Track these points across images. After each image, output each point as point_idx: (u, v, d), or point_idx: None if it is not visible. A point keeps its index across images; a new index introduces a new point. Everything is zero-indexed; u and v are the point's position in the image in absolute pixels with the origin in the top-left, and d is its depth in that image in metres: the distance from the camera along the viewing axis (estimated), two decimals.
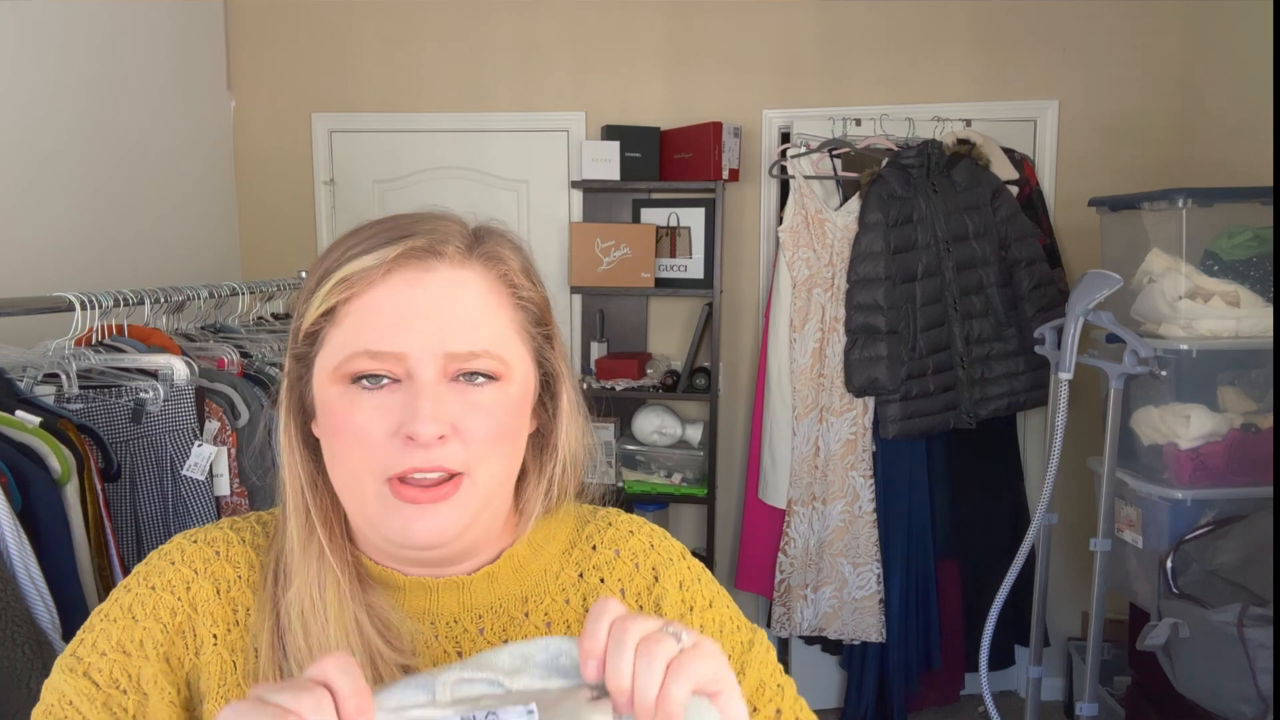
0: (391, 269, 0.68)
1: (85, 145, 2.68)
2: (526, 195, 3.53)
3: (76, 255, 2.62)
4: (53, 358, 1.65)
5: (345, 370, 0.68)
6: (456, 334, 0.68)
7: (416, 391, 0.66)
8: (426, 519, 0.67)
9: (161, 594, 0.72)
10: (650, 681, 0.50)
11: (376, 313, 0.68)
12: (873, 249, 2.92)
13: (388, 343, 0.67)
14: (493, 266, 0.72)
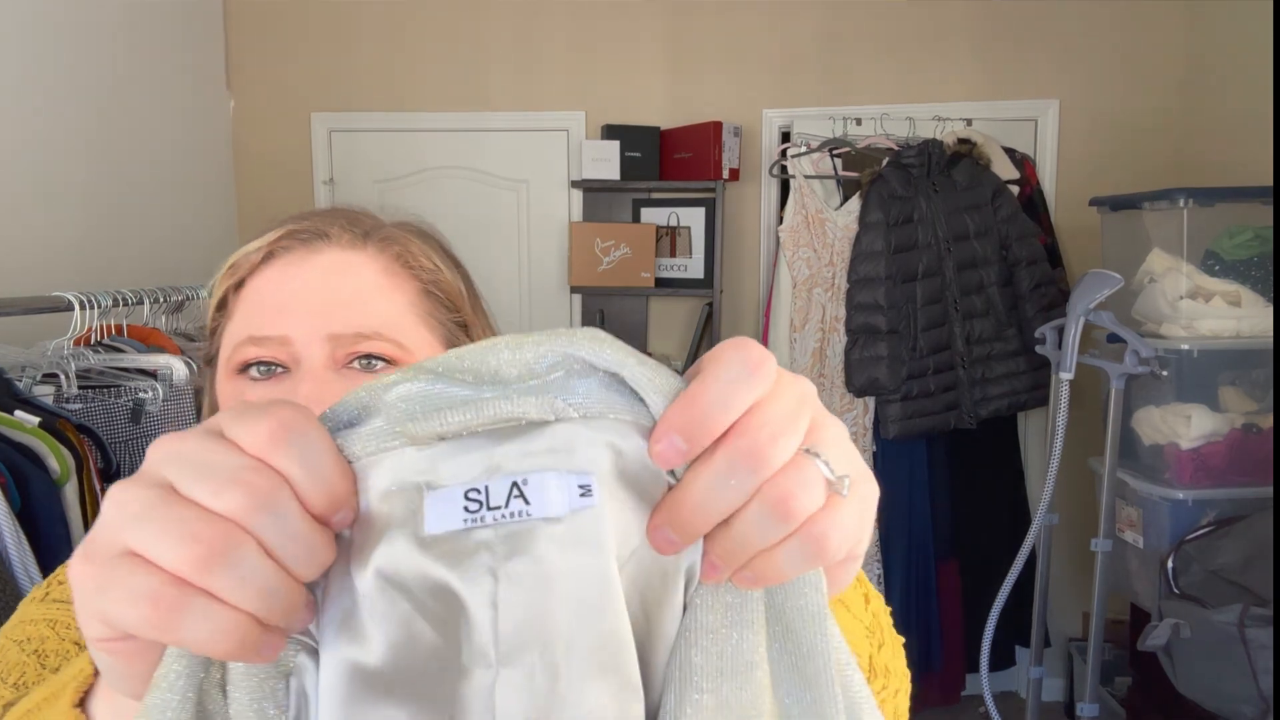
0: (274, 251, 0.66)
1: (84, 144, 2.67)
2: (526, 195, 3.52)
3: (76, 255, 2.61)
4: (52, 358, 1.64)
5: (234, 361, 0.64)
6: (342, 315, 0.63)
7: (299, 378, 0.62)
8: None
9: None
10: (760, 536, 0.32)
11: (260, 297, 0.65)
12: (873, 249, 2.91)
13: (269, 326, 0.63)
14: (387, 248, 0.67)
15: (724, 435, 0.32)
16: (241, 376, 0.64)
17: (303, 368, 0.63)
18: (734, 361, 0.32)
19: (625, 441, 0.33)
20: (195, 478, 0.31)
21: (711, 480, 0.32)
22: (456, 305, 0.70)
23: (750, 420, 0.32)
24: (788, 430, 0.32)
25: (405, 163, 3.54)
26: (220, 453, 0.31)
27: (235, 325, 0.66)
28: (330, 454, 0.32)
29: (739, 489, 0.32)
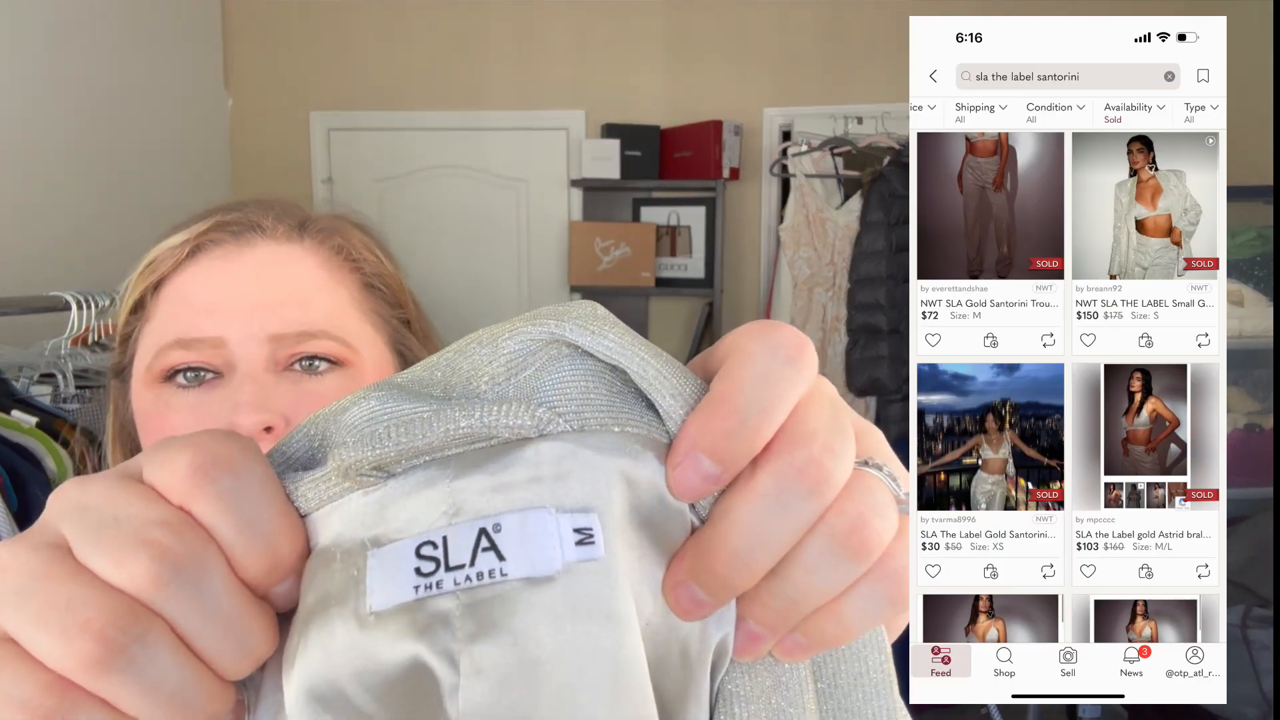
0: (200, 245, 0.59)
1: (82, 144, 2.67)
2: (526, 194, 3.52)
3: (73, 254, 2.61)
4: (49, 357, 1.64)
5: (157, 368, 0.57)
6: (282, 314, 0.57)
7: (237, 383, 0.56)
8: None
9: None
10: (824, 583, 0.25)
11: (186, 297, 0.58)
12: (874, 248, 2.91)
13: (201, 328, 0.56)
14: (327, 239, 0.62)
15: (765, 450, 0.24)
16: (166, 384, 0.57)
17: (239, 371, 0.56)
18: (765, 351, 0.24)
19: (637, 465, 0.24)
20: (96, 539, 0.23)
21: (756, 513, 0.23)
22: (400, 301, 0.65)
23: (797, 428, 0.24)
24: (842, 437, 0.24)
25: (404, 162, 3.54)
26: (132, 503, 0.23)
27: (156, 328, 0.59)
28: (273, 501, 0.24)
29: (794, 521, 0.23)
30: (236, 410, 0.54)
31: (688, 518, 0.24)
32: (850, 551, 0.24)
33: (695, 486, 0.24)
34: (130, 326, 0.60)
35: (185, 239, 0.58)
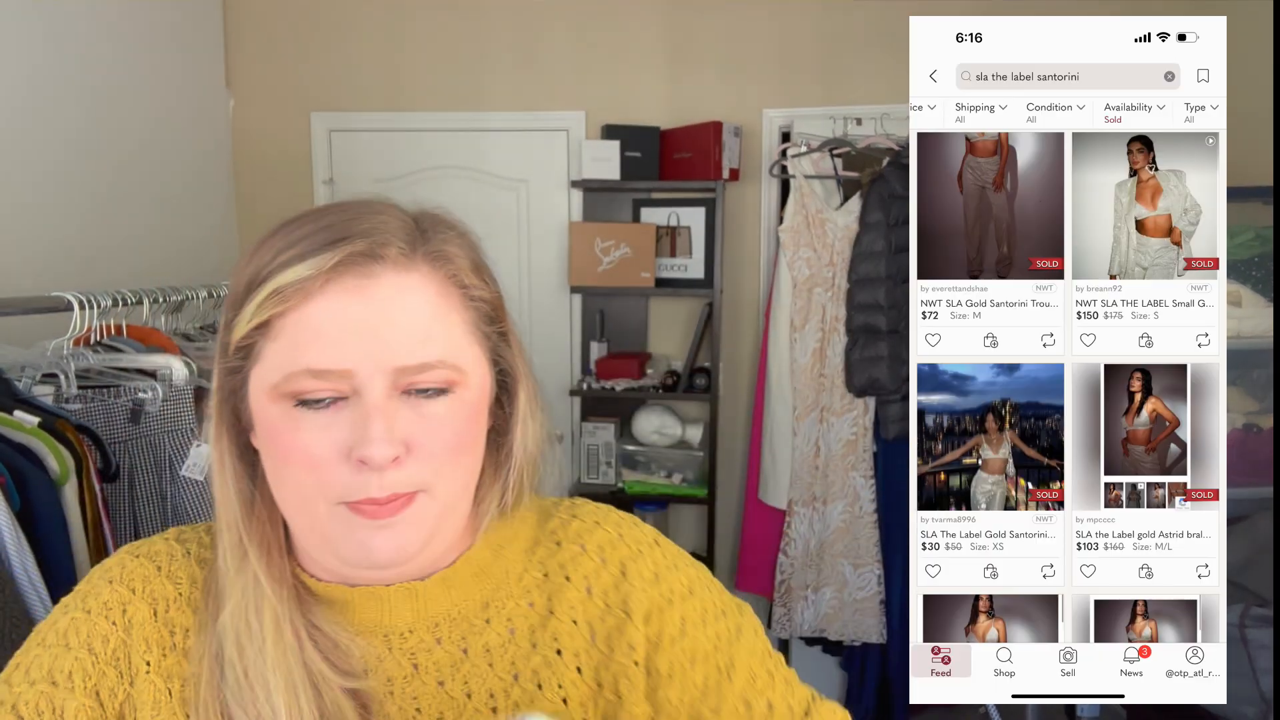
0: (330, 279, 0.62)
1: (83, 144, 2.67)
2: (526, 195, 3.52)
3: (75, 255, 2.61)
4: (51, 358, 1.64)
5: (286, 390, 0.62)
6: (406, 347, 0.62)
7: (366, 412, 0.61)
8: (383, 537, 0.62)
9: (96, 619, 0.68)
10: None
11: (316, 328, 0.62)
12: (874, 249, 2.91)
13: (331, 360, 0.61)
14: (440, 267, 0.66)
15: None
16: (297, 406, 0.62)
17: (366, 400, 0.62)
18: None
19: None
20: None
21: None
22: (498, 317, 0.70)
23: None
24: None
25: (405, 162, 3.54)
26: None
27: (284, 352, 0.63)
28: None
29: None
30: (368, 443, 0.60)
31: None
32: None
33: None
34: (250, 340, 0.64)
35: (314, 274, 0.62)
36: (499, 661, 0.69)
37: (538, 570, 0.73)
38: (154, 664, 0.67)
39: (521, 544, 0.74)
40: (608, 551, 0.74)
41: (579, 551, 0.74)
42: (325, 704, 0.64)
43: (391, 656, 0.68)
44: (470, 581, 0.71)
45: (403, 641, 0.69)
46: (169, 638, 0.68)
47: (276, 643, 0.64)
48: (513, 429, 0.72)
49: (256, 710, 0.63)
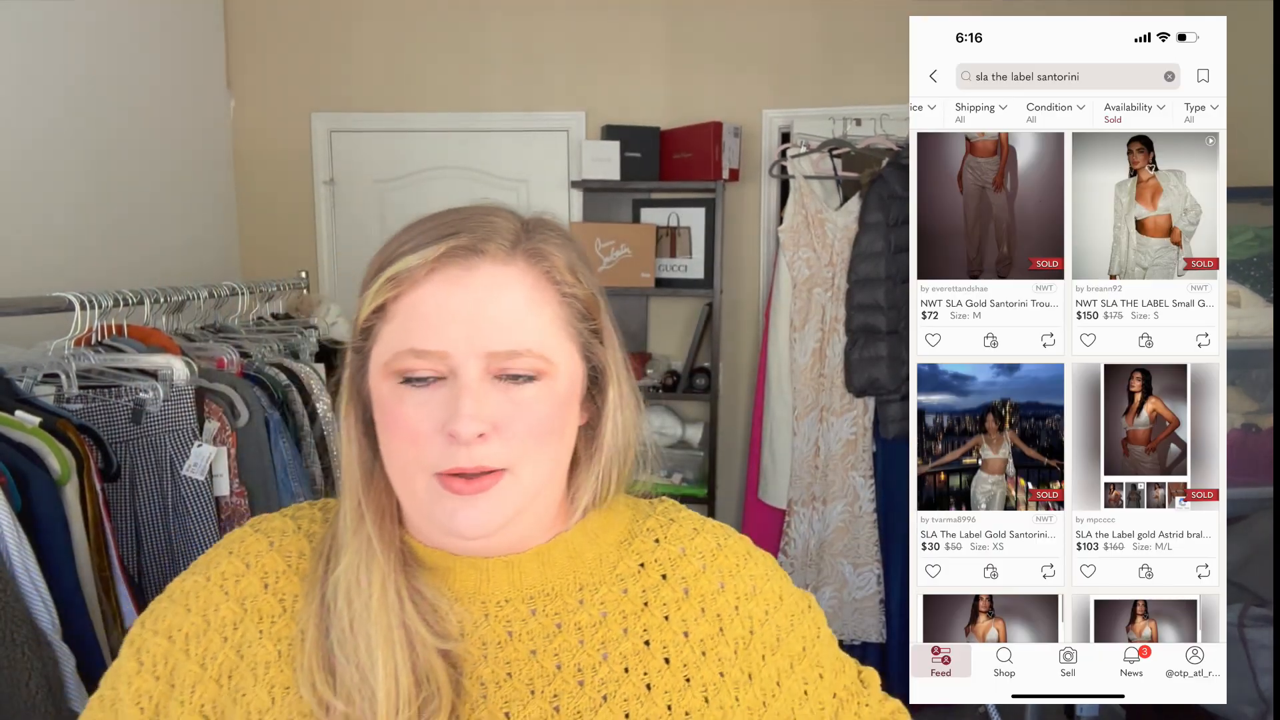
0: (435, 268, 0.69)
1: (85, 145, 2.67)
2: (526, 195, 3.53)
3: (76, 255, 2.61)
4: (52, 358, 1.64)
5: (394, 367, 0.70)
6: (498, 334, 0.69)
7: (459, 390, 0.68)
8: (469, 511, 0.68)
9: (212, 588, 0.75)
10: None
11: (421, 312, 0.69)
12: (873, 249, 2.92)
13: (431, 342, 0.68)
14: (536, 264, 0.72)
15: None
16: (402, 383, 0.70)
17: (460, 380, 0.68)
18: None
19: None
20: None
21: None
22: (592, 315, 0.75)
23: None
24: None
25: (405, 163, 3.54)
26: None
27: (394, 333, 0.70)
28: None
29: None
30: (457, 419, 0.67)
31: None
32: None
33: None
34: (371, 321, 0.72)
35: (423, 263, 0.69)
36: (590, 640, 0.74)
37: (633, 560, 0.78)
38: (265, 630, 0.73)
39: (616, 535, 0.80)
40: (708, 560, 0.80)
41: (679, 554, 0.79)
42: (419, 661, 0.69)
43: (488, 623, 0.73)
44: (565, 562, 0.76)
45: (499, 610, 0.74)
46: (278, 605, 0.74)
47: (381, 601, 0.70)
48: (603, 423, 0.77)
49: (357, 659, 0.68)
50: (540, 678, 0.72)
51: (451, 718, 0.69)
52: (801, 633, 0.81)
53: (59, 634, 1.32)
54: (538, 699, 0.71)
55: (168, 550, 1.65)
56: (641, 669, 0.73)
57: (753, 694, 0.76)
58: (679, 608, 0.76)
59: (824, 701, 0.82)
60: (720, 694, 0.74)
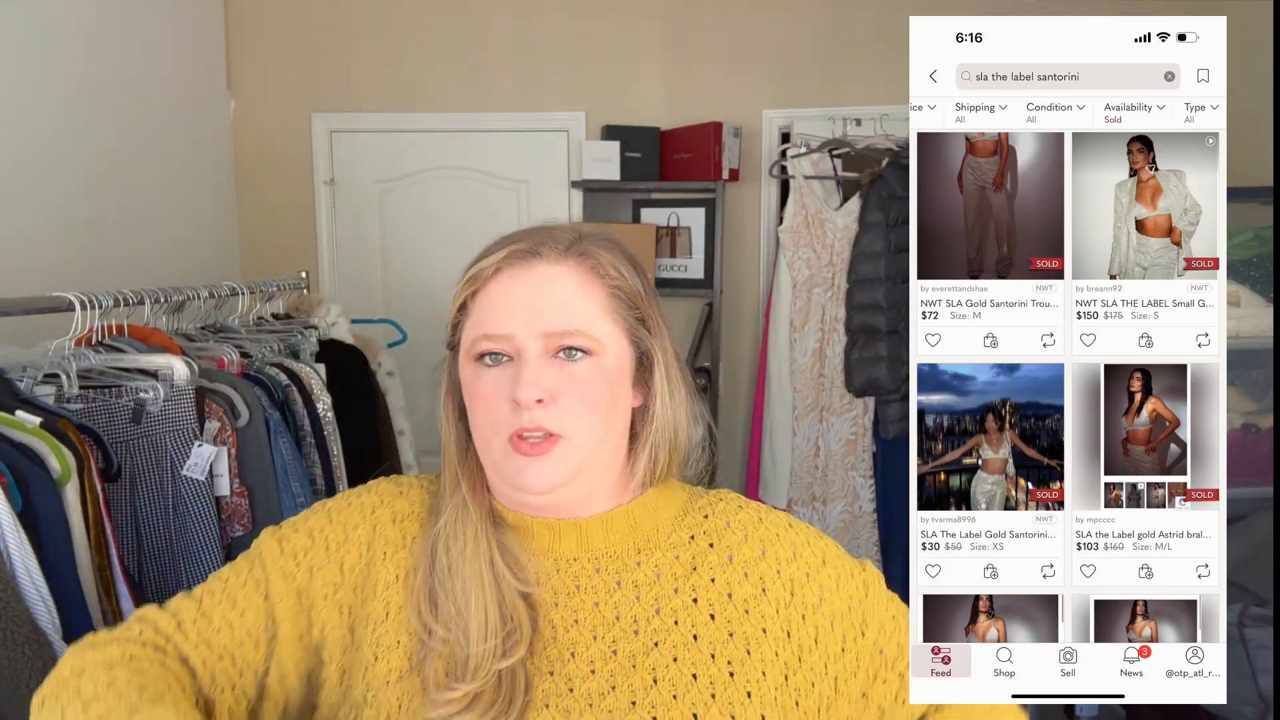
0: (500, 267, 0.86)
1: (85, 145, 2.67)
2: (526, 195, 3.52)
3: (76, 255, 2.61)
4: (53, 358, 1.64)
5: (473, 352, 0.86)
6: (552, 317, 0.83)
7: (521, 365, 0.83)
8: (534, 469, 0.83)
9: (353, 511, 0.91)
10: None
11: (490, 303, 0.86)
12: (873, 249, 2.92)
13: (499, 326, 0.84)
14: (584, 261, 0.86)
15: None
16: (479, 363, 0.86)
17: (522, 357, 0.84)
18: None
19: None
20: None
21: None
22: (636, 304, 0.88)
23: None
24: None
25: (405, 163, 3.54)
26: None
27: (474, 321, 0.87)
28: None
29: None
30: (519, 386, 0.82)
31: None
32: None
33: None
34: (457, 319, 0.89)
35: (493, 263, 0.86)
36: (644, 596, 0.86)
37: (685, 533, 0.90)
38: (389, 555, 0.88)
39: (673, 510, 0.92)
40: (750, 530, 0.91)
41: (724, 526, 0.91)
42: (504, 599, 0.83)
43: (559, 576, 0.87)
44: (625, 529, 0.89)
45: (569, 566, 0.87)
46: (401, 539, 0.89)
47: (474, 549, 0.85)
48: (651, 403, 0.89)
49: (454, 595, 0.83)
50: (601, 625, 0.84)
51: (529, 650, 0.82)
52: (848, 593, 0.90)
53: (59, 634, 1.32)
54: (599, 643, 0.84)
55: (168, 550, 1.65)
56: (690, 622, 0.85)
57: (790, 649, 0.85)
58: (724, 572, 0.88)
59: (862, 658, 0.89)
60: (761, 648, 0.84)
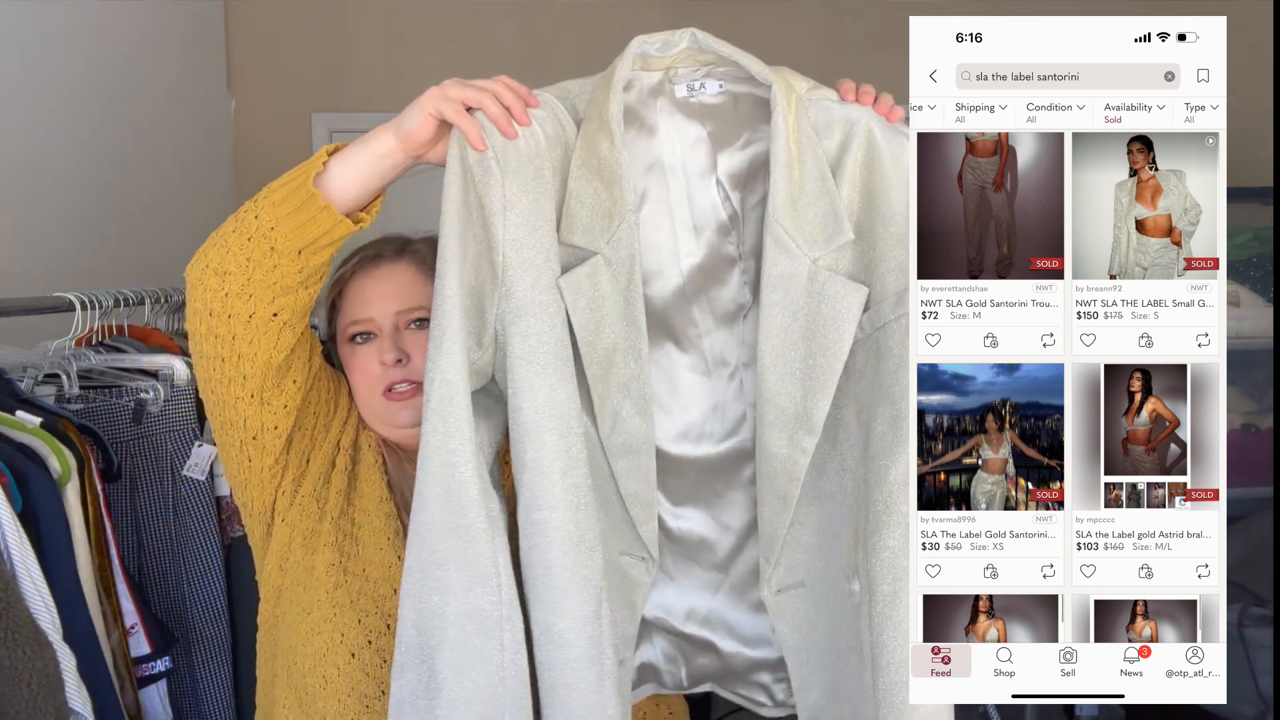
0: (355, 271, 1.25)
1: (85, 145, 2.67)
2: None
3: (76, 255, 2.61)
4: (53, 358, 1.64)
5: (346, 335, 1.23)
6: (400, 299, 1.21)
7: (383, 338, 1.20)
8: (405, 411, 1.18)
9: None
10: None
11: (353, 298, 1.24)
12: None
13: (363, 313, 1.22)
14: (415, 258, 1.24)
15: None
16: (351, 343, 1.22)
17: (384, 332, 1.20)
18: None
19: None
20: (477, 91, 1.00)
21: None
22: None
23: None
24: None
25: None
26: (481, 87, 1.00)
27: (343, 315, 1.24)
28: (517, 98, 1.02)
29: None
30: (382, 353, 1.19)
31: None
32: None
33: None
34: (330, 314, 1.27)
35: (349, 269, 1.25)
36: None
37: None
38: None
39: None
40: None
41: None
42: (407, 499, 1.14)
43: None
44: None
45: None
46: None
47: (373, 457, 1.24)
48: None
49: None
50: None
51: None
52: None
53: (59, 634, 1.32)
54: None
55: (168, 550, 1.65)
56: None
57: None
58: None
59: None
60: None
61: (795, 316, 0.96)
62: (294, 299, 1.04)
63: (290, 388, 1.11)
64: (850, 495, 0.99)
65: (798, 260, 0.96)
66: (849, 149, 1.00)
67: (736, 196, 1.05)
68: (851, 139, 1.00)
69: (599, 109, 1.05)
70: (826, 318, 0.95)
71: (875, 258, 0.96)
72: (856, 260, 0.98)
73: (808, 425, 0.97)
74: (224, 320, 1.02)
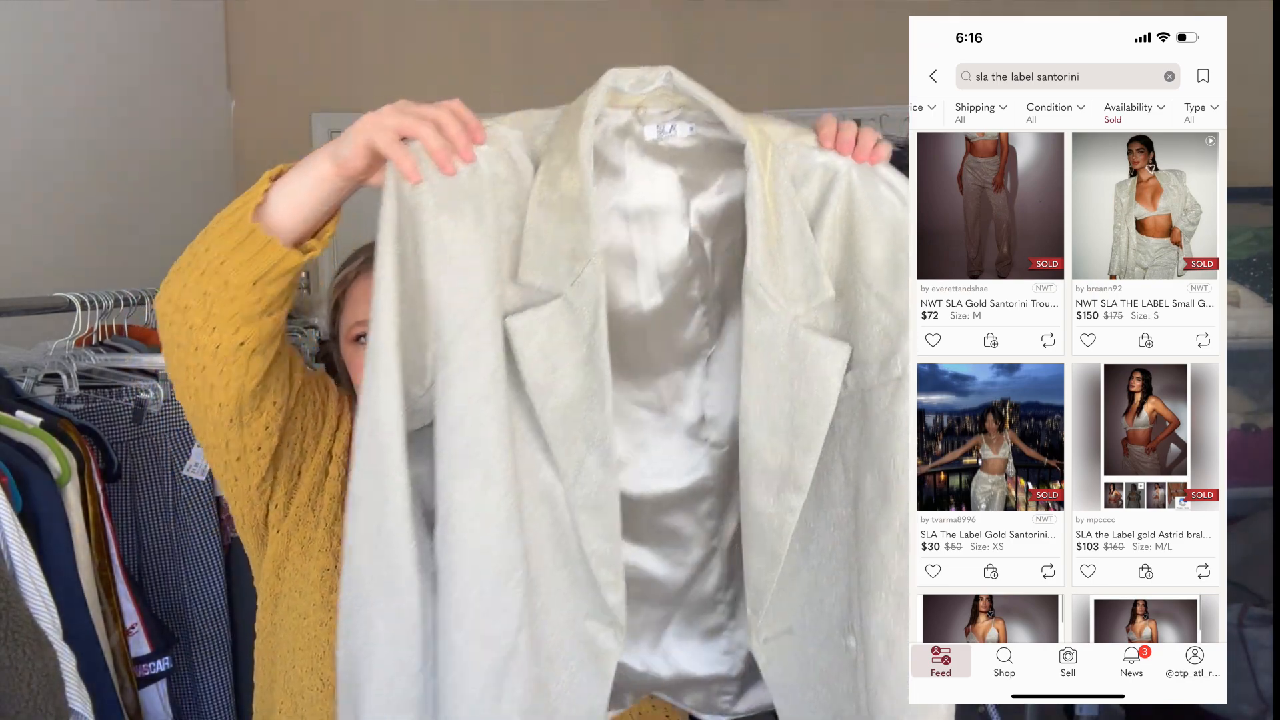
0: (360, 271, 1.25)
1: (85, 145, 2.67)
2: None
3: (76, 255, 2.61)
4: (53, 358, 1.64)
5: (350, 335, 1.25)
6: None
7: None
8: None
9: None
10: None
11: (358, 298, 1.22)
12: None
13: (365, 314, 1.02)
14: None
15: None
16: (356, 343, 1.21)
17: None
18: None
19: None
20: (417, 118, 0.99)
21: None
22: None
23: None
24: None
25: None
26: (423, 113, 0.98)
27: (346, 315, 1.26)
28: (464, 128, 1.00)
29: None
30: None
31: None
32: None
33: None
34: (333, 315, 1.29)
35: (354, 269, 1.26)
36: None
37: None
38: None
39: None
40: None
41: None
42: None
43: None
44: None
45: None
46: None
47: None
48: None
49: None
50: None
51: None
52: None
53: (59, 634, 1.32)
54: None
55: (168, 550, 1.65)
56: None
57: None
58: None
59: None
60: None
61: (778, 375, 0.94)
62: (258, 327, 1.02)
63: (270, 409, 1.09)
64: (842, 550, 0.98)
65: (777, 319, 0.93)
66: (828, 202, 0.95)
67: (708, 242, 1.02)
68: (831, 191, 0.95)
69: (566, 143, 1.02)
70: (809, 377, 0.93)
71: (858, 316, 0.94)
72: (839, 316, 0.96)
73: (795, 483, 0.94)
74: (191, 352, 1.01)
